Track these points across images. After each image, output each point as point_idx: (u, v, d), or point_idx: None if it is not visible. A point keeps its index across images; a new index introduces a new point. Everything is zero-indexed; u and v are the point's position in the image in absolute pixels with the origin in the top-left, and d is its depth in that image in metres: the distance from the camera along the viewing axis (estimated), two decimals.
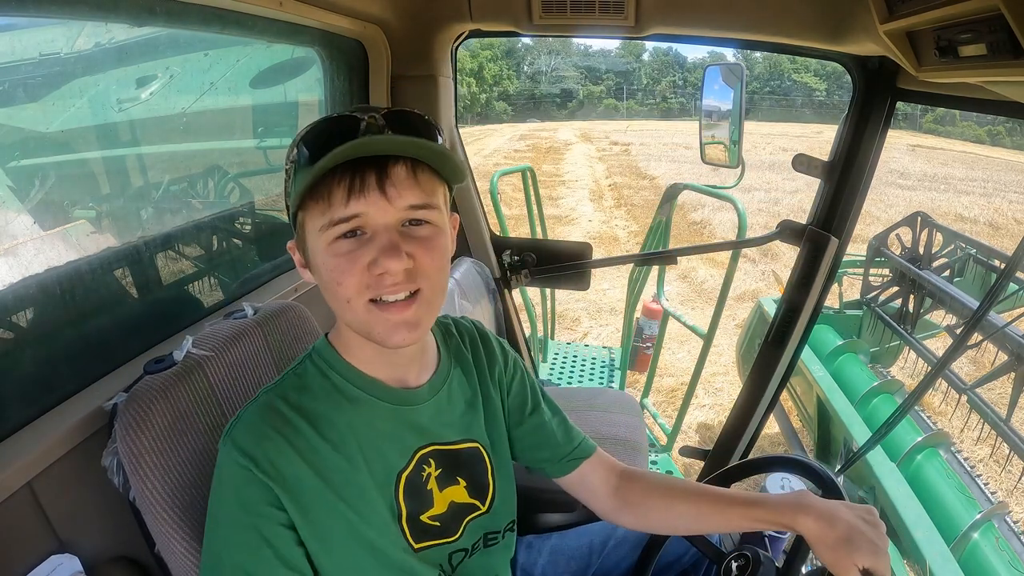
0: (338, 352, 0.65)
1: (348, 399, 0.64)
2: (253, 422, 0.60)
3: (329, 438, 0.61)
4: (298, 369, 0.66)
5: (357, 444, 0.63)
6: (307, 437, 0.60)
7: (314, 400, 0.62)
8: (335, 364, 0.65)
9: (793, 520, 0.66)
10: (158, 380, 0.71)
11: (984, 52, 0.61)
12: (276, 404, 0.61)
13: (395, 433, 0.66)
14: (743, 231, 2.01)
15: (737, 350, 3.27)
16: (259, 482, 0.57)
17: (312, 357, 0.66)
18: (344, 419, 0.63)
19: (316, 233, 0.57)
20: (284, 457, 0.58)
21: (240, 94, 1.34)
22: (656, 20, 1.28)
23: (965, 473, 2.22)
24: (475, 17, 1.39)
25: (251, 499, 0.57)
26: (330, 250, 0.56)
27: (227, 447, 0.58)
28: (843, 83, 32.44)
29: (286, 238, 0.67)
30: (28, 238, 0.82)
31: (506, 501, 0.77)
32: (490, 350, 0.80)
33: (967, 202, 11.17)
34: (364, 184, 0.54)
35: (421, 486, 0.68)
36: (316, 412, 0.62)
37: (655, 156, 16.77)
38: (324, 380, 0.64)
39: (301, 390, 0.63)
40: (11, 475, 0.63)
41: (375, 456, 0.64)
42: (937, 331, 2.98)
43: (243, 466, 0.57)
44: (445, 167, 0.58)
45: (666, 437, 2.42)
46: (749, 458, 1.15)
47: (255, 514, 0.57)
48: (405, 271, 0.56)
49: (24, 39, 0.78)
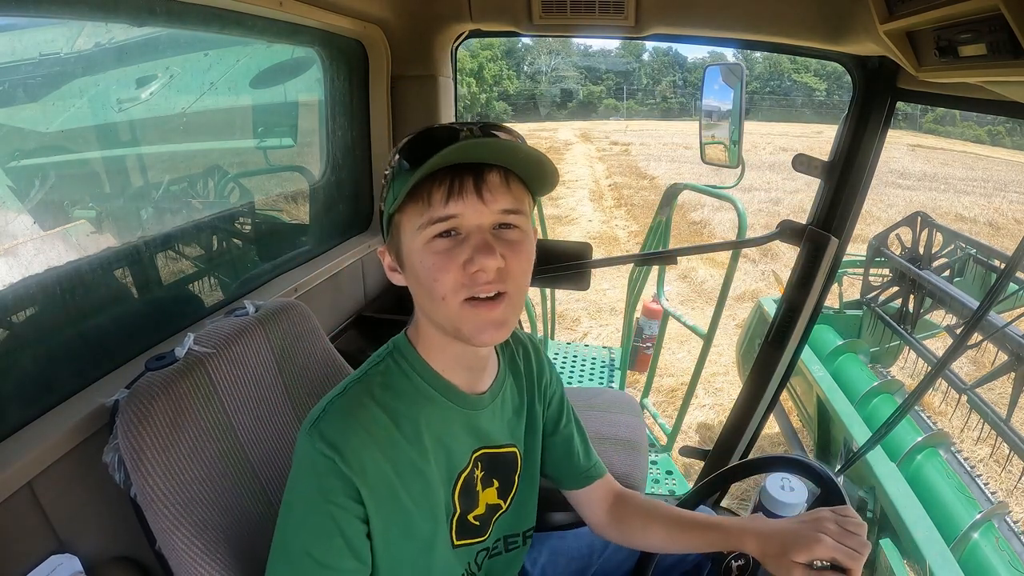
0: (419, 353, 0.69)
1: (427, 399, 0.68)
2: (341, 415, 0.62)
3: (407, 435, 0.65)
4: (380, 366, 0.68)
5: (430, 442, 0.67)
6: (389, 433, 0.63)
7: (397, 398, 0.66)
8: (416, 365, 0.68)
9: (739, 541, 0.71)
10: (160, 377, 0.71)
11: (984, 52, 0.61)
12: (363, 399, 0.64)
13: (460, 434, 0.71)
14: (743, 231, 2.01)
15: (737, 350, 3.27)
16: (342, 474, 0.59)
17: (394, 355, 0.69)
18: (422, 418, 0.66)
19: (413, 232, 0.60)
20: (368, 452, 0.61)
21: (240, 94, 1.34)
22: (656, 20, 1.28)
23: (965, 473, 2.22)
24: (475, 17, 1.39)
25: (332, 488, 0.60)
26: (428, 248, 0.60)
27: (312, 437, 0.60)
28: (843, 83, 32.43)
29: (286, 238, 0.68)
30: (28, 238, 0.82)
31: (527, 505, 0.82)
32: (540, 364, 0.84)
33: (967, 202, 11.16)
34: (462, 187, 0.58)
35: (473, 487, 0.73)
36: (398, 410, 0.65)
37: (655, 156, 16.76)
38: (406, 380, 0.68)
39: (385, 388, 0.66)
40: (11, 475, 0.63)
41: (442, 455, 0.68)
42: (937, 331, 2.98)
43: (328, 456, 0.59)
44: (541, 173, 0.62)
45: (666, 437, 2.42)
46: (749, 458, 1.15)
47: (333, 503, 0.59)
48: (496, 271, 0.59)
49: (24, 39, 0.78)
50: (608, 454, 1.39)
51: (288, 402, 0.88)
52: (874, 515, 1.91)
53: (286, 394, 0.88)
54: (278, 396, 0.87)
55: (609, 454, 1.39)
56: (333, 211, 1.59)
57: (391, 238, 0.65)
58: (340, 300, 1.49)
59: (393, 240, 0.65)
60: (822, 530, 0.63)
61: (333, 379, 0.95)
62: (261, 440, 0.82)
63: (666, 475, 2.18)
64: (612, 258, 2.11)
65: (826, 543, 0.62)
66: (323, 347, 0.96)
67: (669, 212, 2.47)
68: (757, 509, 1.08)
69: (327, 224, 1.58)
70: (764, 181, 12.12)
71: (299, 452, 0.63)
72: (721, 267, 5.26)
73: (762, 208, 9.46)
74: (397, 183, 0.60)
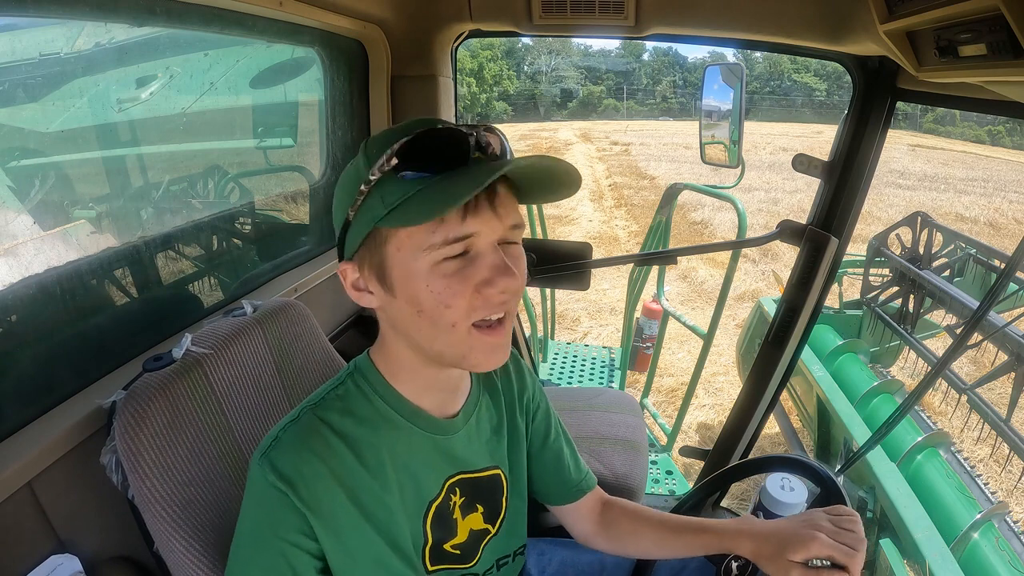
0: (384, 376, 0.63)
1: (391, 426, 0.63)
2: (294, 445, 0.57)
3: (368, 463, 0.60)
4: (339, 389, 0.63)
5: (393, 471, 0.62)
6: (346, 463, 0.59)
7: (357, 425, 0.61)
8: (380, 389, 0.63)
9: (733, 543, 0.69)
10: (157, 378, 0.71)
11: (984, 52, 0.61)
12: (318, 427, 0.59)
13: (431, 462, 0.66)
14: (743, 231, 2.01)
15: (737, 350, 3.27)
16: (294, 508, 0.55)
17: (355, 377, 0.64)
18: (384, 445, 0.62)
19: (414, 252, 0.53)
20: (323, 483, 0.57)
21: (240, 94, 1.34)
22: (656, 20, 1.28)
23: (965, 473, 2.22)
24: (475, 17, 1.39)
25: (283, 524, 0.56)
26: (436, 271, 0.53)
27: (264, 467, 0.56)
28: (843, 83, 32.45)
29: (286, 238, 0.67)
30: (28, 238, 0.82)
31: (518, 524, 0.78)
32: (521, 376, 0.79)
33: (967, 202, 11.17)
34: (478, 202, 0.52)
35: (448, 515, 0.68)
36: (357, 437, 0.60)
37: (655, 156, 16.77)
38: (368, 404, 0.62)
39: (344, 413, 0.61)
40: (11, 475, 0.63)
41: (409, 484, 0.64)
42: (937, 331, 2.98)
43: (280, 490, 0.55)
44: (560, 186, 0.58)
45: (666, 437, 2.42)
46: (749, 458, 1.15)
47: (284, 540, 0.56)
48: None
49: (24, 39, 0.78)
50: (608, 454, 1.39)
51: (287, 402, 0.88)
52: (874, 515, 1.91)
53: (285, 395, 0.88)
54: (277, 396, 0.87)
55: (609, 454, 1.39)
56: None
57: (366, 253, 0.56)
58: (340, 300, 1.49)
59: (371, 256, 0.56)
60: (817, 528, 0.63)
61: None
62: (259, 440, 0.82)
63: (666, 475, 2.18)
64: (612, 258, 2.11)
65: (822, 540, 0.61)
66: (322, 347, 0.96)
67: (669, 212, 2.47)
68: (757, 509, 1.08)
69: (327, 224, 1.58)
70: (764, 181, 12.12)
71: (250, 482, 0.58)
72: (721, 267, 5.26)
73: (762, 208, 9.46)
74: (388, 191, 0.52)
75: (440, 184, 0.51)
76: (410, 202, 0.51)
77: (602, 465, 1.36)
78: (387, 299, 0.57)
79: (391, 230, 0.53)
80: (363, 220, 0.55)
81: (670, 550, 0.78)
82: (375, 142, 0.55)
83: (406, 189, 0.52)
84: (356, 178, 0.54)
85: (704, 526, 0.75)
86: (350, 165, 0.57)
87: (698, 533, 0.74)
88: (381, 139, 0.54)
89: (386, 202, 0.52)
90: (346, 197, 0.56)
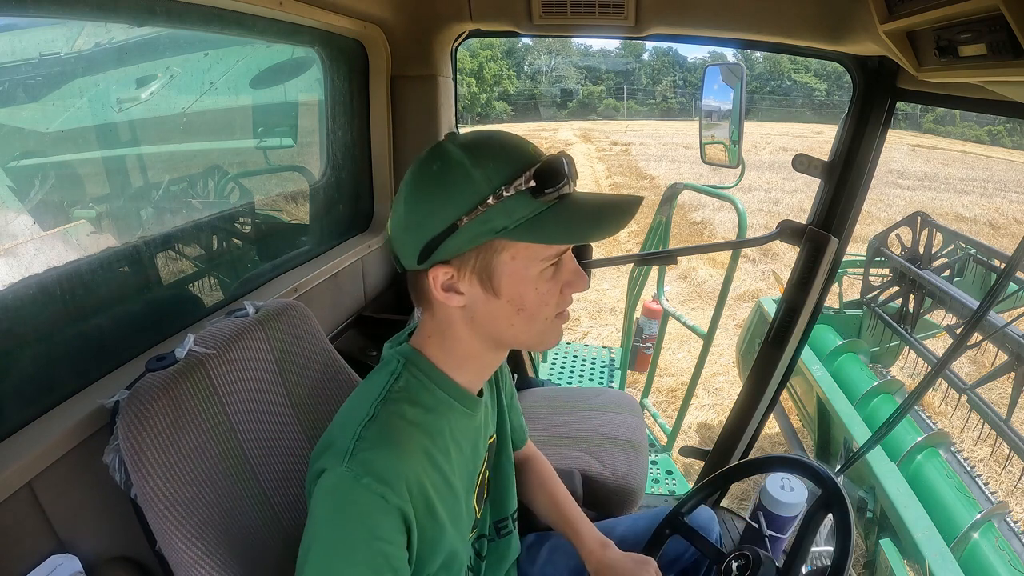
0: (433, 362, 0.67)
1: (449, 408, 0.68)
2: (382, 442, 0.59)
3: (441, 448, 0.65)
4: (400, 382, 0.65)
5: (455, 451, 0.67)
6: (425, 449, 0.63)
7: (426, 413, 0.65)
8: (434, 376, 0.67)
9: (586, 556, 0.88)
10: (160, 377, 0.71)
11: (984, 52, 0.61)
12: (397, 421, 0.62)
13: (472, 437, 0.72)
14: (743, 231, 2.01)
15: (737, 350, 3.27)
16: (393, 508, 0.57)
17: (411, 369, 0.67)
18: (447, 428, 0.67)
19: (530, 263, 0.60)
20: (414, 475, 0.60)
21: (240, 94, 1.34)
22: (656, 20, 1.28)
23: (965, 473, 2.22)
24: (475, 17, 1.39)
25: (381, 525, 0.56)
26: (542, 276, 0.61)
27: (353, 470, 0.56)
28: (843, 83, 32.42)
29: (286, 238, 0.67)
30: (28, 238, 0.82)
31: (509, 487, 0.86)
32: None
33: (967, 202, 11.17)
34: None
35: (481, 485, 0.76)
36: (428, 425, 0.64)
37: (655, 156, 16.77)
38: (428, 393, 0.66)
39: (413, 404, 0.64)
40: (11, 475, 0.63)
41: (464, 461, 0.70)
42: (937, 331, 2.98)
43: (377, 493, 0.56)
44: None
45: (666, 437, 2.43)
46: (749, 458, 1.15)
47: (383, 540, 0.56)
48: None
49: (24, 39, 0.78)
50: (608, 454, 1.39)
51: (288, 403, 0.88)
52: (874, 515, 1.91)
53: (286, 395, 0.88)
54: (278, 397, 0.87)
55: (609, 454, 1.39)
56: (333, 211, 1.59)
57: (472, 258, 0.60)
58: (340, 300, 1.49)
59: (478, 261, 0.60)
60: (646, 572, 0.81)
61: (333, 379, 0.95)
62: (261, 440, 0.82)
63: (666, 475, 2.18)
64: (612, 258, 2.11)
65: None
66: (323, 347, 0.96)
67: (669, 212, 2.47)
68: (757, 509, 1.08)
69: (327, 224, 1.58)
70: (764, 181, 12.13)
71: (330, 489, 0.57)
72: (721, 267, 5.26)
73: (762, 208, 9.46)
74: (514, 207, 0.57)
75: (570, 209, 0.59)
76: (546, 223, 0.58)
77: (602, 465, 1.36)
78: (484, 298, 0.62)
79: (509, 241, 0.59)
80: (480, 230, 0.58)
81: (552, 523, 0.95)
82: (487, 157, 0.59)
83: (534, 208, 0.58)
84: (470, 191, 0.57)
85: (578, 530, 0.90)
86: (443, 172, 0.59)
87: (567, 525, 0.91)
88: (498, 156, 0.59)
89: (513, 217, 0.57)
90: (451, 207, 0.58)
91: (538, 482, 0.98)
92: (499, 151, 0.60)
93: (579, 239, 0.59)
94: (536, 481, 0.98)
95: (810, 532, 0.77)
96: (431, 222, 0.59)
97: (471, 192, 0.57)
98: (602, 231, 0.59)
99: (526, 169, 0.58)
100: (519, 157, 0.59)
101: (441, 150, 0.60)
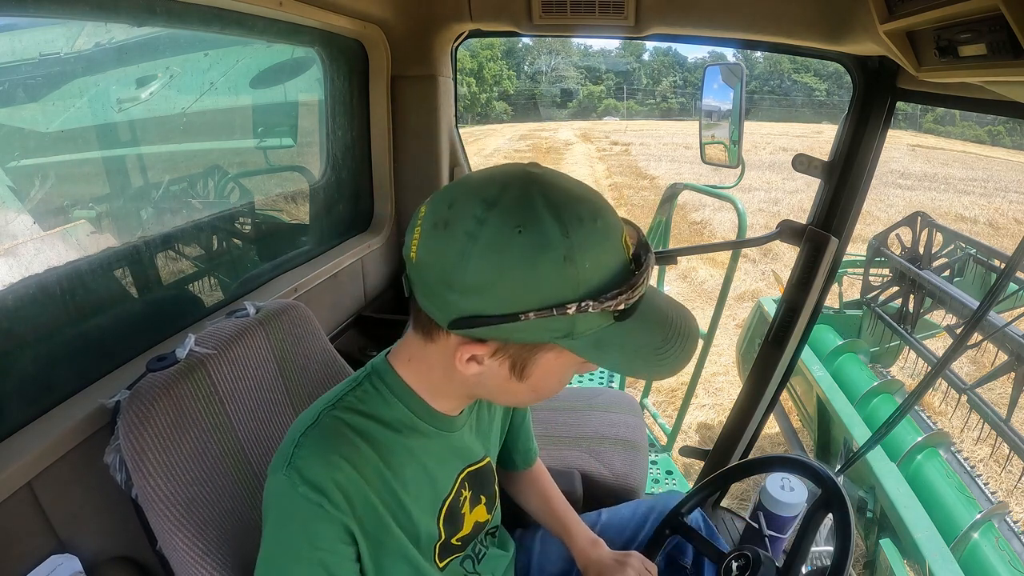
0: (404, 381, 0.63)
1: (410, 428, 0.63)
2: (319, 449, 0.56)
3: (390, 464, 0.60)
4: (357, 392, 0.62)
5: (412, 473, 0.63)
6: (372, 463, 0.59)
7: (378, 427, 0.60)
8: (398, 391, 0.62)
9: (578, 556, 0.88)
10: (161, 378, 0.71)
11: (984, 52, 0.61)
12: (340, 428, 0.58)
13: (444, 459, 0.67)
14: (743, 231, 2.01)
15: (737, 350, 3.27)
16: (331, 518, 0.55)
17: (373, 380, 0.63)
18: (404, 447, 0.62)
19: (570, 367, 0.57)
20: (354, 486, 0.56)
21: (240, 94, 1.34)
22: (656, 20, 1.28)
23: (965, 473, 2.22)
24: (475, 17, 1.39)
25: (320, 535, 0.55)
26: (572, 369, 0.58)
27: (291, 478, 0.54)
28: (843, 83, 32.45)
29: (286, 238, 0.67)
30: (28, 238, 0.82)
31: (500, 508, 0.84)
32: None
33: (967, 202, 11.16)
34: None
35: (457, 511, 0.70)
36: (379, 439, 0.60)
37: (655, 156, 16.77)
38: (387, 408, 0.62)
39: (364, 415, 0.60)
40: (11, 475, 0.63)
41: (426, 483, 0.65)
42: (937, 331, 2.98)
43: (313, 501, 0.54)
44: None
45: (666, 437, 2.42)
46: (749, 458, 1.15)
47: (323, 550, 0.55)
48: None
49: (24, 39, 0.78)
50: (608, 454, 1.39)
51: (289, 403, 0.88)
52: (874, 515, 1.91)
53: (287, 395, 0.89)
54: (279, 397, 0.87)
55: (609, 454, 1.39)
56: (333, 211, 1.59)
57: (514, 348, 0.54)
58: (340, 300, 1.49)
59: (521, 353, 0.54)
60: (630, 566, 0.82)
61: (333, 379, 0.95)
62: (262, 441, 0.82)
63: (666, 475, 2.18)
64: None
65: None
66: (323, 348, 0.96)
67: (669, 212, 2.47)
68: (757, 509, 1.08)
69: (327, 224, 1.58)
70: (764, 181, 12.12)
71: (274, 496, 0.56)
72: (721, 267, 5.26)
73: (762, 208, 9.46)
74: (593, 321, 0.51)
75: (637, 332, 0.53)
76: (610, 344, 0.52)
77: (602, 465, 1.36)
78: (505, 377, 0.56)
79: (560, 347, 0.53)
80: (544, 332, 0.50)
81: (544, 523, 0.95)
82: (586, 249, 0.48)
83: (603, 321, 0.51)
84: (553, 289, 0.48)
85: (569, 530, 0.90)
86: (528, 249, 0.47)
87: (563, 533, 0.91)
88: (597, 251, 0.49)
89: (582, 329, 0.51)
90: (522, 294, 0.48)
91: (530, 479, 0.96)
92: (600, 247, 0.49)
93: (639, 373, 0.55)
94: (528, 478, 0.96)
95: (810, 532, 0.77)
96: (488, 297, 0.49)
97: (551, 290, 0.48)
98: (662, 369, 0.54)
99: (623, 280, 0.50)
100: (614, 261, 0.50)
101: (531, 209, 0.48)
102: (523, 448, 0.92)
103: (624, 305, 0.50)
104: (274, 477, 0.56)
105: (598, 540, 0.89)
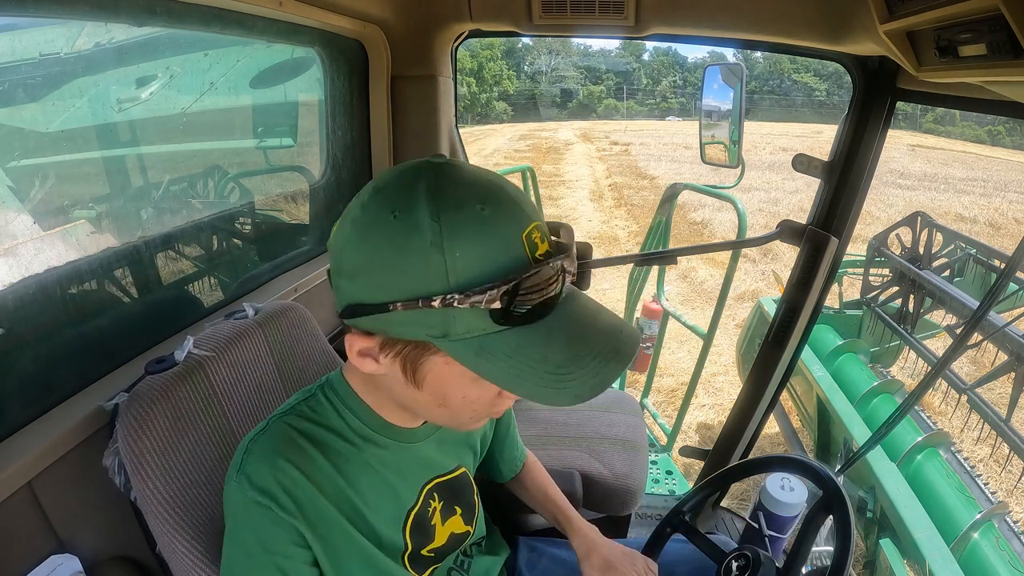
0: (357, 393, 0.62)
1: (362, 438, 0.62)
2: (266, 455, 0.56)
3: (344, 472, 0.60)
4: (310, 401, 0.62)
5: (369, 482, 0.62)
6: (323, 469, 0.58)
7: (330, 436, 0.60)
8: (351, 404, 0.62)
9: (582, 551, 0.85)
10: (159, 380, 0.71)
11: (984, 52, 0.61)
12: (289, 433, 0.58)
13: (405, 470, 0.66)
14: (743, 231, 2.01)
15: (737, 350, 3.27)
16: (281, 521, 0.55)
17: (326, 391, 0.63)
18: (358, 457, 0.61)
19: (466, 375, 0.49)
20: (303, 489, 0.56)
21: (240, 94, 1.34)
22: (656, 20, 1.28)
23: (965, 473, 2.22)
24: (475, 17, 1.39)
25: (273, 539, 0.55)
26: (474, 385, 0.51)
27: (240, 484, 0.55)
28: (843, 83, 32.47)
29: (286, 238, 0.66)
30: (28, 238, 0.82)
31: (481, 515, 0.82)
32: None
33: (967, 202, 11.17)
34: None
35: (426, 521, 0.69)
36: (331, 446, 0.60)
37: (655, 156, 16.78)
38: (339, 419, 0.61)
39: (316, 423, 0.60)
40: (11, 475, 0.63)
41: (386, 494, 0.64)
42: (937, 331, 2.98)
43: (263, 505, 0.54)
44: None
45: (666, 437, 2.42)
46: (749, 458, 1.15)
47: (278, 554, 0.55)
48: None
49: (24, 39, 0.78)
50: (608, 454, 1.39)
51: None
52: (874, 515, 1.91)
53: (286, 397, 0.88)
54: (278, 399, 0.87)
55: (609, 454, 1.39)
56: (333, 211, 1.59)
57: (399, 345, 0.50)
58: None
59: (407, 352, 0.50)
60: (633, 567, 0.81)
61: None
62: None
63: (666, 475, 2.18)
64: (612, 258, 2.11)
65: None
66: (322, 349, 0.96)
67: (669, 212, 2.47)
68: (757, 509, 1.08)
69: (327, 224, 1.58)
70: (764, 181, 12.13)
71: (228, 501, 0.56)
72: (721, 267, 5.26)
73: (762, 208, 9.46)
74: (468, 320, 0.45)
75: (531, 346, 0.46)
76: (495, 353, 0.45)
77: (602, 465, 1.36)
78: (403, 382, 0.52)
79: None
80: (413, 326, 0.46)
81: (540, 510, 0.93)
82: (460, 239, 0.43)
83: (487, 327, 0.45)
84: (417, 277, 0.44)
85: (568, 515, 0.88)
86: (398, 231, 0.44)
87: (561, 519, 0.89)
88: (474, 245, 0.44)
89: (457, 330, 0.45)
90: (388, 281, 0.45)
91: (523, 475, 0.95)
92: (478, 237, 0.44)
93: (529, 394, 0.45)
94: (521, 475, 0.95)
95: (810, 532, 0.77)
96: (361, 283, 0.47)
97: (418, 279, 0.44)
98: (560, 394, 0.45)
99: (501, 282, 0.43)
100: (500, 255, 0.44)
101: (411, 194, 0.45)
102: (508, 457, 0.91)
103: (504, 305, 0.44)
104: (227, 485, 0.57)
105: (596, 528, 0.88)
